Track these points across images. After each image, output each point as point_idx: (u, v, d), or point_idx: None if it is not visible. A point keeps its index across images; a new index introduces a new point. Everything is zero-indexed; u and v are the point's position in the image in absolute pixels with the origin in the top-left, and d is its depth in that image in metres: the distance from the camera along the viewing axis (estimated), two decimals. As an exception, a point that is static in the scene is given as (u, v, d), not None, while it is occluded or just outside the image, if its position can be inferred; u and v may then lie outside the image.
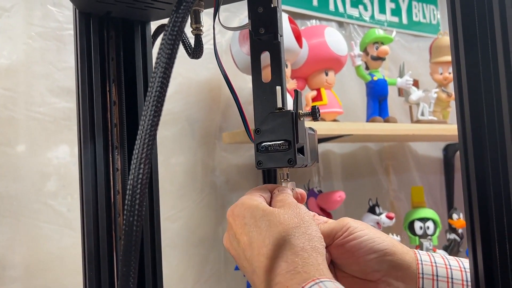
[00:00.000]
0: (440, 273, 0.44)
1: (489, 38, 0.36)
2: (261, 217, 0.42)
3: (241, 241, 0.43)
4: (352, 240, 0.44)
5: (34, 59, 0.94)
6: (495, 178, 0.36)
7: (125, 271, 0.25)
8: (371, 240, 0.44)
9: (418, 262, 0.44)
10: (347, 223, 0.46)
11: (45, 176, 0.94)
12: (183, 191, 1.14)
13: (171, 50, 0.29)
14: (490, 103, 0.36)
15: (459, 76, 0.38)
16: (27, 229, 0.91)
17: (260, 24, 0.51)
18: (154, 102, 0.30)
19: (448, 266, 0.44)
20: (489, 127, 0.37)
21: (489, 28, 0.36)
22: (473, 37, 0.37)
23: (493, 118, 0.36)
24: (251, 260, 0.41)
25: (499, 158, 0.36)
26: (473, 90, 0.37)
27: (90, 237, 0.58)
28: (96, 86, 0.60)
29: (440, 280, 0.43)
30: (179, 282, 1.12)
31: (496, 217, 0.37)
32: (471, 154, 0.37)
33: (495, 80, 0.36)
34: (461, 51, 0.38)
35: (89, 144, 0.59)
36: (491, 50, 0.36)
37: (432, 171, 1.77)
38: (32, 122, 0.93)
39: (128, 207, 0.26)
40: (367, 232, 0.45)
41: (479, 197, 0.37)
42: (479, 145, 0.37)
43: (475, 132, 0.37)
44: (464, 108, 0.37)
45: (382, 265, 0.44)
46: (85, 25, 0.60)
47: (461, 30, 0.38)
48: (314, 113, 0.50)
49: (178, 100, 1.14)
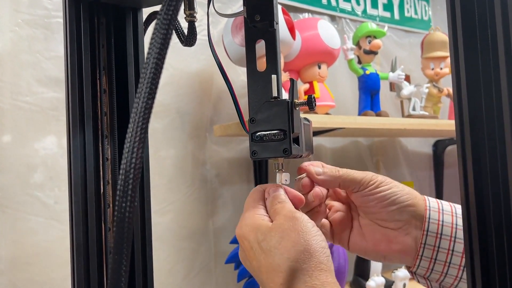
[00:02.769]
0: (446, 219, 0.48)
1: (489, 35, 0.36)
2: (263, 240, 0.41)
3: (252, 265, 0.42)
4: (377, 192, 0.48)
5: (21, 47, 0.92)
6: (492, 175, 0.36)
7: (117, 259, 0.23)
8: (394, 193, 0.48)
9: (426, 208, 0.48)
10: (373, 175, 0.49)
11: (31, 167, 0.92)
12: (173, 185, 1.13)
13: (167, 26, 0.28)
14: (489, 100, 0.36)
15: (457, 73, 0.37)
16: (13, 221, 0.89)
17: (255, 11, 0.50)
18: (149, 84, 0.28)
19: (454, 214, 0.48)
20: (487, 123, 0.36)
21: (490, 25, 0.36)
22: (472, 33, 0.36)
23: (492, 114, 0.36)
24: (266, 285, 0.41)
25: (498, 155, 0.35)
26: (472, 87, 0.37)
27: (78, 229, 0.57)
28: (86, 73, 0.58)
29: (445, 225, 0.47)
30: (168, 276, 1.11)
31: (494, 213, 0.36)
32: (469, 152, 0.37)
33: (495, 77, 0.36)
34: (460, 47, 0.37)
35: (78, 133, 0.57)
36: (491, 46, 0.36)
37: (421, 166, 1.78)
38: (19, 112, 0.91)
39: (121, 192, 0.25)
40: (392, 186, 0.48)
41: (476, 194, 0.37)
42: (477, 142, 0.36)
43: (473, 129, 0.36)
44: (463, 106, 0.37)
45: (403, 215, 0.48)
46: (75, 11, 0.58)
47: (460, 25, 0.37)
48: (310, 102, 0.49)
49: (168, 92, 1.12)
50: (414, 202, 0.48)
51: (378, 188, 0.48)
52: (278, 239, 0.40)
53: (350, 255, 1.17)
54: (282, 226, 0.41)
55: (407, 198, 0.48)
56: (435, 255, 0.47)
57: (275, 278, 0.39)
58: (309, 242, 0.40)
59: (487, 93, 0.36)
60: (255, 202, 0.46)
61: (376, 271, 1.21)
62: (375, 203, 0.48)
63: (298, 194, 0.48)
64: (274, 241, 0.40)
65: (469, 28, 0.37)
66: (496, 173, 0.36)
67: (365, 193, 0.48)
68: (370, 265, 1.21)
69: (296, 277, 0.38)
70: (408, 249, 0.48)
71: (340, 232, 0.52)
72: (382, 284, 1.20)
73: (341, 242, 0.52)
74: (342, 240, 0.52)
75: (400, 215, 0.48)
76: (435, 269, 0.47)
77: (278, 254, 0.40)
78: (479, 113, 0.36)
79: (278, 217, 0.43)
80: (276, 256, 0.40)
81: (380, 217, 0.49)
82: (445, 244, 0.47)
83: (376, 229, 0.50)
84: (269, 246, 0.41)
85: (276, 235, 0.41)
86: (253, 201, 0.46)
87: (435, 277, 0.48)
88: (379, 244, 0.50)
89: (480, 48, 0.36)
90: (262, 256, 0.41)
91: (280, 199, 0.45)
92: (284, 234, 0.40)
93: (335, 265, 1.09)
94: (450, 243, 0.46)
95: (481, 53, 0.36)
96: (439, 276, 0.47)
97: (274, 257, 0.40)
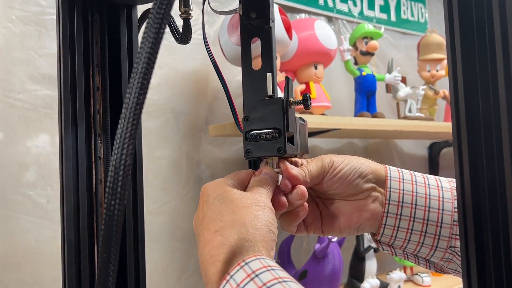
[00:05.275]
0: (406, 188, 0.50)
1: (487, 36, 0.35)
2: (218, 195, 0.44)
3: (198, 216, 0.44)
4: (339, 172, 0.49)
5: (14, 44, 0.91)
6: (489, 177, 0.36)
7: (105, 257, 0.23)
8: (354, 167, 0.50)
9: (387, 178, 0.50)
10: (330, 160, 0.50)
11: (23, 166, 0.91)
12: (167, 185, 1.12)
13: (160, 21, 0.27)
14: (487, 102, 0.36)
15: (454, 74, 0.37)
16: (4, 220, 0.88)
17: (251, 8, 0.49)
18: (140, 79, 0.28)
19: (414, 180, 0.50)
20: (484, 125, 0.36)
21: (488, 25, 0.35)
22: (469, 34, 0.36)
23: (489, 116, 0.35)
24: (197, 234, 0.43)
25: (495, 157, 0.35)
26: (469, 89, 0.36)
27: (70, 228, 0.56)
28: (79, 71, 0.57)
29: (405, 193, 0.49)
30: (161, 277, 1.10)
31: (490, 214, 0.36)
32: (465, 154, 0.36)
33: (492, 79, 0.35)
34: (457, 48, 0.36)
35: (70, 131, 0.56)
36: (489, 48, 0.35)
37: (417, 168, 1.77)
38: (11, 110, 0.90)
39: (110, 189, 0.24)
40: (349, 161, 0.50)
41: (473, 196, 0.36)
42: (474, 144, 0.36)
43: (470, 131, 0.36)
44: (460, 108, 0.36)
45: (368, 184, 0.50)
46: (68, 7, 0.57)
47: (457, 25, 0.36)
48: (306, 101, 0.48)
49: (163, 91, 1.11)
50: (374, 169, 0.50)
51: (338, 168, 0.50)
52: (233, 199, 0.43)
53: (345, 257, 1.17)
54: (242, 193, 0.44)
55: (366, 167, 0.50)
56: (398, 223, 0.48)
57: (211, 226, 0.41)
58: (259, 211, 0.41)
59: (484, 95, 0.36)
60: (234, 175, 0.48)
61: (370, 273, 1.21)
62: (339, 183, 0.50)
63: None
64: (228, 199, 0.43)
65: (466, 30, 0.36)
66: (493, 175, 0.35)
67: (328, 178, 0.50)
68: (364, 267, 1.21)
69: (234, 227, 0.40)
70: (377, 215, 0.50)
71: (311, 221, 0.53)
72: (377, 286, 1.19)
73: (316, 231, 0.53)
74: (315, 229, 0.53)
75: (365, 184, 0.50)
76: (398, 236, 0.49)
77: (225, 208, 0.42)
78: (476, 116, 0.36)
79: (248, 188, 0.46)
80: (223, 209, 0.42)
81: (348, 193, 0.50)
82: (407, 211, 0.48)
83: (346, 205, 0.51)
84: (222, 201, 0.43)
85: (233, 196, 0.43)
86: (234, 174, 0.48)
87: (398, 244, 0.49)
88: (351, 217, 0.51)
89: (477, 50, 0.36)
90: (210, 208, 0.43)
91: (263, 183, 0.46)
92: (240, 197, 0.43)
93: (330, 268, 1.09)
94: (411, 210, 0.48)
95: (478, 55, 0.36)
96: (402, 243, 0.49)
97: (221, 209, 0.42)
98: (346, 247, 1.20)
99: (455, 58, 0.37)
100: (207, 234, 0.41)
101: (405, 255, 0.51)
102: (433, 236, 0.47)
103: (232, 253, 0.38)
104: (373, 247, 1.20)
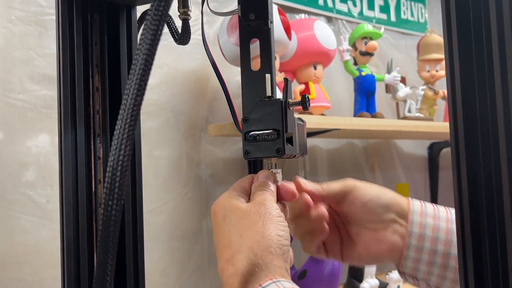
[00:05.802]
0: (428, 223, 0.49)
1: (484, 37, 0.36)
2: (227, 217, 0.42)
3: (214, 239, 0.44)
4: (361, 196, 0.50)
5: (14, 44, 0.91)
6: (486, 178, 0.36)
7: (103, 257, 0.23)
8: (377, 195, 0.50)
9: (410, 210, 0.50)
10: (352, 184, 0.50)
11: (23, 165, 0.91)
12: (167, 184, 1.12)
13: (158, 22, 0.27)
14: (484, 102, 0.36)
15: (452, 74, 0.37)
16: (4, 220, 0.88)
17: (250, 10, 0.50)
18: (138, 80, 0.28)
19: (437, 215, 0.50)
20: (482, 125, 0.36)
21: (484, 26, 0.36)
22: (467, 35, 0.36)
23: (486, 115, 0.35)
24: (218, 260, 0.42)
25: (492, 156, 0.35)
26: (466, 89, 0.36)
27: (69, 228, 0.56)
28: (78, 71, 0.58)
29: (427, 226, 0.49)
30: (161, 276, 1.10)
31: (487, 214, 0.36)
32: (463, 153, 0.37)
33: (489, 79, 0.35)
34: (454, 48, 0.37)
35: (70, 131, 0.57)
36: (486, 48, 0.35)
37: (416, 169, 1.78)
38: (11, 110, 0.90)
39: (107, 190, 0.25)
40: (373, 189, 0.50)
41: (470, 195, 0.36)
42: (471, 144, 0.36)
43: (467, 131, 0.36)
44: (457, 107, 0.37)
45: (389, 215, 0.50)
46: (68, 7, 0.57)
47: (455, 26, 0.37)
48: (304, 102, 0.48)
49: (163, 91, 1.12)
50: (398, 201, 0.50)
51: (361, 192, 0.50)
52: (239, 219, 0.41)
53: (344, 256, 1.17)
54: (248, 208, 0.42)
55: (390, 197, 0.50)
56: (419, 256, 0.48)
57: (224, 254, 0.40)
58: (266, 226, 0.40)
59: (481, 95, 0.36)
60: (237, 185, 0.47)
61: (370, 273, 1.21)
62: (361, 207, 0.50)
63: (291, 188, 0.48)
64: (235, 220, 0.42)
65: (463, 30, 0.36)
66: (489, 175, 0.36)
67: (350, 199, 0.50)
68: (364, 267, 1.21)
69: (242, 253, 0.39)
70: (397, 247, 0.50)
71: (332, 245, 0.53)
72: (376, 286, 1.19)
73: (335, 256, 0.53)
74: (335, 253, 0.53)
75: (386, 214, 0.50)
76: (420, 268, 0.49)
77: (233, 232, 0.41)
78: (473, 115, 0.36)
79: (251, 201, 0.44)
80: (232, 233, 0.41)
81: (368, 220, 0.50)
82: (427, 245, 0.48)
83: (365, 233, 0.51)
84: (230, 223, 0.42)
85: (239, 214, 0.42)
86: (237, 184, 0.47)
87: (421, 276, 0.49)
88: (370, 246, 0.51)
89: (474, 50, 0.36)
90: (221, 232, 0.42)
91: (263, 186, 0.45)
92: (246, 215, 0.41)
93: (329, 268, 1.09)
94: (431, 243, 0.48)
95: (475, 56, 0.36)
96: (425, 275, 0.49)
97: (230, 233, 0.41)
98: (346, 247, 1.20)
99: (452, 58, 0.37)
100: (221, 262, 0.41)
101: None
102: (454, 270, 0.48)
103: (245, 282, 0.38)
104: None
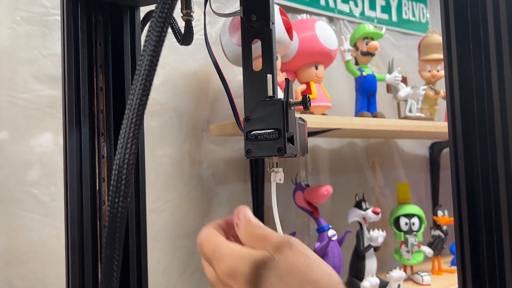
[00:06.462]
0: None
1: (482, 37, 0.36)
2: (268, 275, 0.34)
3: None
4: None
5: (19, 44, 0.92)
6: (484, 177, 0.36)
7: (109, 253, 0.24)
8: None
9: None
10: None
11: (27, 164, 0.92)
12: (169, 183, 1.13)
13: (162, 23, 0.28)
14: (481, 102, 0.36)
15: (450, 74, 0.37)
16: (8, 218, 0.89)
17: (251, 11, 0.50)
18: (143, 81, 0.29)
19: None
20: (479, 124, 0.36)
21: (482, 26, 0.36)
22: (465, 35, 0.37)
23: (484, 116, 0.36)
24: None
25: (489, 156, 0.36)
26: (464, 89, 0.37)
27: (73, 226, 0.57)
28: (82, 71, 0.59)
29: None
30: (163, 274, 1.11)
31: (484, 213, 0.36)
32: (461, 152, 0.37)
33: (486, 79, 0.36)
34: (453, 48, 0.37)
35: (74, 130, 0.58)
36: (483, 49, 0.36)
37: (417, 168, 1.78)
38: (15, 109, 0.91)
39: (113, 188, 0.25)
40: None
41: (468, 194, 0.37)
42: (469, 143, 0.37)
43: (465, 130, 0.37)
44: (455, 106, 0.37)
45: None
46: (73, 8, 0.58)
47: (453, 27, 0.37)
48: (305, 102, 0.49)
49: (166, 91, 1.12)
50: None
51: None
52: (286, 270, 0.34)
53: (345, 256, 1.18)
54: (285, 255, 0.35)
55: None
56: None
57: None
58: (316, 273, 0.34)
59: (479, 95, 0.36)
60: (217, 236, 0.39)
61: (370, 271, 1.22)
62: None
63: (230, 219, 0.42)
64: (281, 273, 0.34)
65: (462, 31, 0.37)
66: (487, 174, 0.36)
67: None
68: (364, 266, 1.21)
69: None
70: None
71: None
72: (377, 284, 1.20)
73: None
74: None
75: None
76: None
77: None
78: (471, 115, 0.37)
79: (268, 243, 0.36)
80: None
81: None
82: None
83: None
84: (276, 279, 0.34)
85: (281, 266, 0.34)
86: (214, 235, 0.39)
87: None
88: None
89: (472, 51, 0.37)
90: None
91: (256, 222, 0.39)
92: (290, 264, 0.34)
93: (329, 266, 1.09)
94: None
95: (473, 57, 0.37)
96: None
97: None
98: (346, 246, 1.21)
99: (451, 57, 0.38)
100: None
101: None
102: None
103: None
104: (373, 245, 1.21)
